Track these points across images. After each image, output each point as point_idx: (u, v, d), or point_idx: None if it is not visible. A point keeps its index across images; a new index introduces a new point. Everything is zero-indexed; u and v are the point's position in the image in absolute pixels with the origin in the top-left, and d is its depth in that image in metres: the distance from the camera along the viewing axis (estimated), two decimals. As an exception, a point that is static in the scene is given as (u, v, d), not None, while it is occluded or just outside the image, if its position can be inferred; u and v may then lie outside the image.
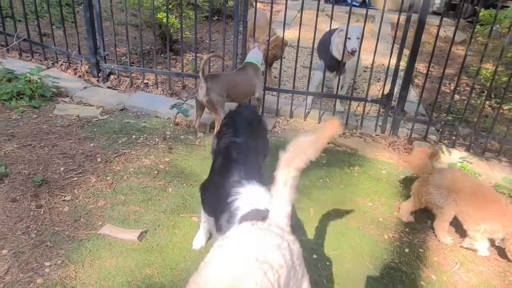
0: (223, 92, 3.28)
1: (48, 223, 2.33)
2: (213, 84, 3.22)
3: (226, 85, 3.33)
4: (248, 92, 3.55)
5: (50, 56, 4.58)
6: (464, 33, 7.28)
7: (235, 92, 3.43)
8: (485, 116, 4.19)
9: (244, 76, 3.49)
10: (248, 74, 3.50)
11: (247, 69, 3.52)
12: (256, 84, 3.53)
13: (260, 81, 3.57)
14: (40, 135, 3.18)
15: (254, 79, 3.51)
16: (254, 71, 3.53)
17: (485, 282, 2.29)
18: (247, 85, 3.50)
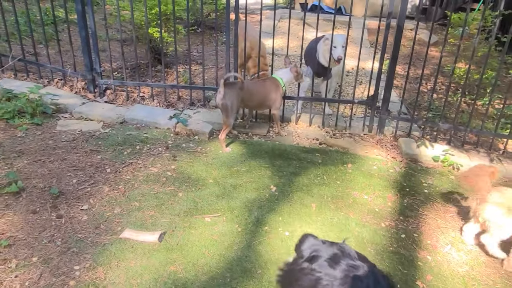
0: (238, 99, 3.55)
1: (70, 231, 2.46)
2: (230, 90, 3.50)
3: (242, 92, 3.59)
4: (263, 104, 3.80)
5: (45, 75, 4.67)
6: (436, 35, 7.73)
7: (250, 101, 3.71)
8: (462, 111, 4.53)
9: (261, 88, 3.75)
10: (266, 87, 3.75)
11: (267, 82, 3.80)
12: (272, 99, 3.75)
13: (278, 97, 3.77)
14: (47, 150, 3.30)
15: (271, 94, 3.74)
16: (274, 86, 3.76)
17: (474, 259, 2.56)
18: (262, 96, 3.73)
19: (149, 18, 4.80)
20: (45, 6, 6.63)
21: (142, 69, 5.23)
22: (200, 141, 3.70)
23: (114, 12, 5.50)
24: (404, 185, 3.26)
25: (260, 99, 3.74)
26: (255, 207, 2.84)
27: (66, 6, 4.27)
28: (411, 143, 3.81)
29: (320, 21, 4.09)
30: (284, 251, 2.47)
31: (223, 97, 3.49)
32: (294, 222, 2.73)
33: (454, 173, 3.50)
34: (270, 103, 3.79)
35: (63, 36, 5.94)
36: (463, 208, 2.99)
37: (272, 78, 3.84)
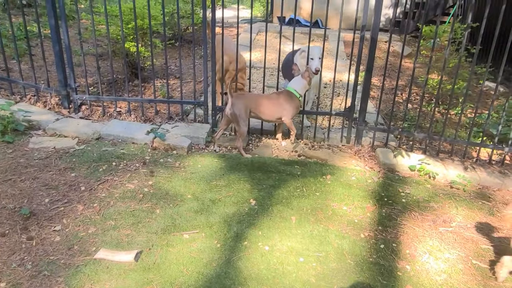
0: (246, 109, 3.69)
1: (42, 254, 2.36)
2: (238, 100, 3.66)
3: (250, 103, 3.72)
4: (274, 114, 3.81)
5: (17, 91, 4.55)
6: (409, 47, 7.97)
7: (260, 111, 3.77)
8: (436, 121, 4.65)
9: (272, 100, 3.81)
10: (279, 99, 3.80)
11: (280, 94, 3.85)
12: (285, 109, 3.77)
13: (291, 107, 3.78)
14: (18, 169, 3.18)
15: (284, 104, 3.77)
16: (288, 97, 3.80)
17: (452, 267, 2.59)
18: (272, 107, 3.78)
19: (125, 32, 4.76)
20: (18, 21, 6.52)
21: (118, 83, 5.17)
22: (179, 156, 3.66)
23: (89, 27, 5.44)
24: (382, 195, 3.30)
25: (271, 110, 3.78)
26: (234, 222, 2.81)
27: (39, 20, 4.18)
28: (388, 153, 3.86)
29: (297, 34, 4.16)
30: (264, 266, 2.44)
31: (231, 107, 3.65)
32: (274, 236, 2.70)
33: (430, 182, 3.57)
34: (283, 113, 3.80)
35: (36, 51, 5.83)
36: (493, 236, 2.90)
37: (286, 91, 3.87)
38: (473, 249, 2.75)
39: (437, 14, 8.36)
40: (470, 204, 3.27)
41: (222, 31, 4.03)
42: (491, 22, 3.95)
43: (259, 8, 11.19)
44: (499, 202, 3.35)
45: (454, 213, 3.13)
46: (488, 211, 3.20)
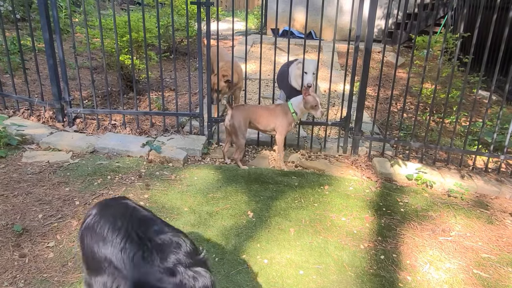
0: (246, 120, 3.68)
1: (34, 271, 2.29)
2: (237, 112, 3.66)
3: (250, 114, 3.72)
4: (270, 124, 3.77)
5: (10, 105, 4.51)
6: (403, 57, 8.06)
7: (258, 122, 3.75)
8: (431, 130, 4.67)
9: (268, 111, 3.78)
10: (275, 110, 3.76)
11: (278, 106, 3.82)
12: (278, 121, 3.71)
13: (283, 120, 3.70)
14: (11, 184, 3.13)
15: (277, 118, 3.72)
16: (283, 110, 3.74)
17: (453, 277, 2.56)
18: (269, 117, 3.75)
19: (120, 45, 4.76)
20: (11, 35, 6.50)
21: (113, 96, 5.14)
22: (175, 168, 3.62)
23: (84, 40, 5.44)
24: (381, 205, 3.28)
25: (266, 122, 3.76)
26: (232, 235, 2.77)
27: (33, 34, 4.17)
28: (385, 162, 3.86)
29: (291, 45, 4.18)
30: (263, 279, 2.39)
31: (230, 119, 3.66)
32: (273, 249, 2.66)
33: (428, 191, 3.55)
34: (274, 127, 3.76)
35: (30, 65, 5.81)
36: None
37: (284, 104, 3.85)
38: (473, 258, 2.73)
39: (429, 24, 8.48)
40: (468, 213, 3.26)
41: (217, 44, 4.04)
42: (483, 31, 4.01)
43: (253, 21, 11.29)
44: (497, 210, 3.34)
45: (453, 222, 3.11)
46: (486, 219, 3.19)
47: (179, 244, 1.59)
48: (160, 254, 1.53)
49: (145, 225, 1.66)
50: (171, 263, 1.50)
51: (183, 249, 1.58)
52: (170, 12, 5.12)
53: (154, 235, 1.60)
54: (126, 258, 1.54)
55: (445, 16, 8.75)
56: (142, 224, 1.66)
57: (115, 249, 1.57)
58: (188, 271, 1.50)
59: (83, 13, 4.15)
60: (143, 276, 1.50)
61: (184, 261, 1.53)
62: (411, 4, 8.79)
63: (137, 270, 1.51)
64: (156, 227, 1.66)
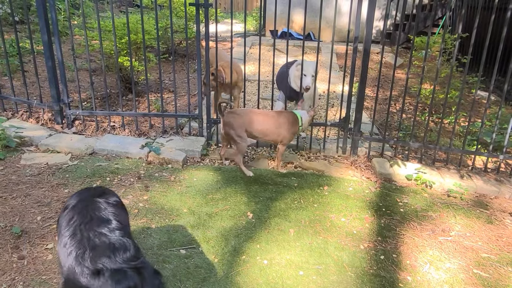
0: (241, 128, 3.50)
1: (33, 273, 2.28)
2: (230, 120, 3.50)
3: (245, 122, 3.51)
4: (268, 136, 3.58)
5: (9, 107, 4.50)
6: (401, 58, 8.07)
7: (256, 131, 3.55)
8: (430, 130, 4.67)
9: (270, 119, 3.58)
10: (278, 120, 3.58)
11: (281, 115, 3.64)
12: (282, 135, 3.58)
13: (289, 134, 3.59)
14: (10, 186, 3.12)
15: (282, 128, 3.56)
16: (288, 121, 3.58)
17: (453, 277, 2.55)
18: (267, 128, 3.55)
19: (119, 47, 4.76)
20: (10, 37, 6.50)
21: (112, 98, 5.14)
22: (174, 170, 3.61)
23: (82, 42, 5.44)
24: (380, 205, 3.27)
25: (266, 131, 3.56)
26: (231, 236, 2.76)
27: (32, 36, 4.17)
28: (384, 163, 3.86)
29: (290, 46, 4.18)
30: (263, 280, 2.38)
31: (223, 127, 3.54)
32: (273, 249, 2.66)
33: (427, 191, 3.55)
34: (277, 138, 3.61)
35: (29, 67, 5.80)
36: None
37: (291, 112, 3.69)
38: (473, 258, 2.72)
39: (427, 25, 8.50)
40: (468, 213, 3.26)
41: (216, 46, 4.04)
42: (481, 32, 4.01)
43: (252, 22, 11.30)
44: (496, 209, 3.34)
45: (453, 222, 3.11)
46: (486, 219, 3.19)
47: (117, 247, 1.59)
48: (93, 255, 1.54)
49: (95, 225, 1.67)
50: (100, 265, 1.51)
51: (120, 252, 1.58)
52: (168, 14, 5.12)
53: (97, 236, 1.62)
54: (64, 255, 1.58)
55: (443, 17, 8.77)
56: (93, 223, 1.68)
57: (60, 244, 1.63)
58: (114, 275, 1.51)
59: (82, 15, 4.15)
60: (71, 274, 1.52)
61: (114, 264, 1.53)
62: (409, 5, 8.81)
63: (68, 267, 1.54)
64: (106, 228, 1.67)
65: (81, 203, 1.82)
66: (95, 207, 1.79)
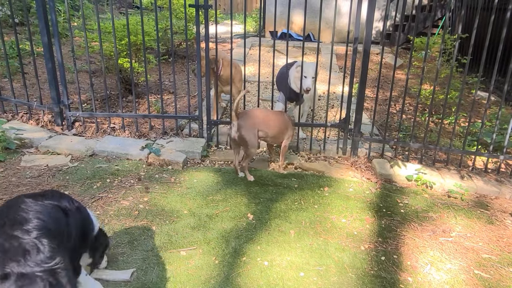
0: (254, 130, 3.39)
1: (34, 275, 2.28)
2: (245, 121, 3.36)
3: (258, 121, 3.42)
4: (278, 133, 3.56)
5: (8, 109, 4.50)
6: (401, 58, 8.07)
7: (267, 129, 3.47)
8: (430, 130, 4.67)
9: (279, 119, 3.57)
10: (284, 120, 3.62)
11: (284, 115, 3.68)
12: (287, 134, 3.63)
13: (292, 133, 3.69)
14: (10, 188, 3.11)
15: (288, 128, 3.61)
16: (290, 122, 3.68)
17: (454, 278, 2.55)
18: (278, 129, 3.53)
19: (118, 48, 4.76)
20: (10, 39, 6.50)
21: (112, 99, 5.14)
22: (174, 171, 3.61)
23: (82, 44, 5.44)
24: (381, 206, 3.27)
25: (277, 128, 3.53)
26: (232, 237, 2.76)
27: (32, 38, 4.17)
28: (384, 163, 3.86)
29: (290, 47, 4.18)
30: (264, 282, 2.38)
31: (237, 130, 3.37)
32: (273, 251, 2.65)
33: (427, 192, 3.55)
34: (284, 135, 3.63)
35: (29, 69, 5.81)
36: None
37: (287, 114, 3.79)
38: (474, 259, 2.72)
39: (427, 26, 8.51)
40: (469, 213, 3.26)
41: (216, 47, 4.04)
42: (481, 32, 4.02)
43: (251, 23, 11.32)
44: (497, 210, 3.34)
45: (453, 223, 3.11)
46: (487, 219, 3.19)
47: (28, 250, 1.54)
48: (1, 260, 1.49)
49: (11, 226, 1.60)
50: (8, 269, 1.47)
51: (31, 255, 1.52)
52: (168, 16, 5.13)
53: (7, 239, 1.55)
54: None
55: (443, 18, 8.78)
56: (10, 223, 1.61)
57: None
58: (20, 279, 1.47)
59: (82, 17, 4.15)
60: None
61: (23, 268, 1.48)
62: (409, 6, 8.82)
63: None
64: (19, 231, 1.59)
65: (4, 207, 1.75)
66: (16, 209, 1.69)
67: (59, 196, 1.94)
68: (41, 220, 1.66)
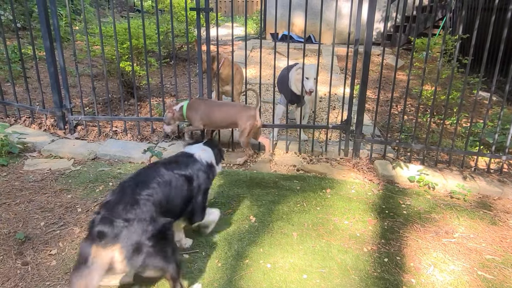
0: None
1: (37, 279, 2.29)
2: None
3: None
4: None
5: (11, 113, 4.52)
6: (402, 59, 8.07)
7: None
8: (432, 131, 4.66)
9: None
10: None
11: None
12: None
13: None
14: (13, 192, 3.13)
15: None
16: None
17: (458, 279, 2.54)
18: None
19: (120, 52, 4.78)
20: (12, 43, 6.54)
21: (114, 103, 5.16)
22: (176, 174, 3.61)
23: (84, 48, 5.46)
24: (383, 208, 3.27)
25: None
26: (234, 240, 2.76)
27: (34, 43, 4.19)
28: (386, 164, 3.85)
29: (290, 49, 4.19)
30: (267, 284, 2.38)
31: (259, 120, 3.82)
32: (276, 253, 2.65)
33: (430, 193, 3.55)
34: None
35: (31, 73, 5.83)
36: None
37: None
38: (477, 260, 2.71)
39: (428, 26, 8.51)
40: (472, 214, 3.25)
41: (217, 49, 4.05)
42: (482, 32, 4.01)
43: (252, 25, 11.34)
44: (500, 211, 3.33)
45: (456, 224, 3.10)
46: (490, 220, 3.18)
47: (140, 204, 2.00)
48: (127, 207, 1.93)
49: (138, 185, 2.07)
50: (131, 215, 1.91)
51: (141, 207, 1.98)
52: (169, 19, 5.15)
53: (134, 194, 2.01)
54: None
55: (443, 18, 8.78)
56: (139, 183, 2.09)
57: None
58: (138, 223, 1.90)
59: (83, 21, 4.17)
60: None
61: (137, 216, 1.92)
62: (409, 6, 8.82)
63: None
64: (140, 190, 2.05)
65: (142, 170, 2.35)
66: (146, 173, 2.26)
67: (185, 165, 2.38)
68: (158, 183, 2.11)
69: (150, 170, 2.24)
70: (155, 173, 2.18)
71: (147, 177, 2.13)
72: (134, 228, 1.83)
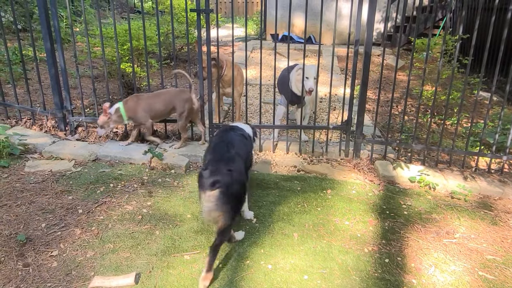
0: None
1: (38, 281, 2.29)
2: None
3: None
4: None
5: (12, 115, 4.53)
6: (402, 60, 8.07)
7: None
8: (433, 132, 4.66)
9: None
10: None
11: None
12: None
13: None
14: (14, 194, 3.13)
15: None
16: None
17: (459, 279, 2.54)
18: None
19: (121, 53, 4.79)
20: (13, 45, 6.55)
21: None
22: (177, 175, 3.62)
23: (85, 49, 5.47)
24: (384, 208, 3.27)
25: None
26: (235, 240, 2.76)
27: (34, 44, 4.20)
28: (387, 165, 3.85)
29: (291, 50, 4.19)
30: (268, 285, 2.38)
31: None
32: (277, 254, 2.65)
33: (431, 193, 3.54)
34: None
35: (32, 75, 5.84)
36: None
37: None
38: (478, 260, 2.71)
39: (428, 27, 8.51)
40: (472, 214, 3.25)
41: (217, 50, 4.06)
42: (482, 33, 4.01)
43: (252, 26, 11.35)
44: (501, 211, 3.33)
45: (457, 224, 3.10)
46: (490, 220, 3.18)
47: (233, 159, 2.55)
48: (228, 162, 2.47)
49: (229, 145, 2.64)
50: (231, 167, 2.43)
51: (234, 162, 2.52)
52: (170, 20, 5.15)
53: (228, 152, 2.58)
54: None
55: (443, 19, 8.78)
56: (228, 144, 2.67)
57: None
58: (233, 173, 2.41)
59: (84, 23, 4.17)
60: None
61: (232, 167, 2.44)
62: (409, 7, 8.82)
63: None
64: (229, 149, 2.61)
65: (222, 134, 2.93)
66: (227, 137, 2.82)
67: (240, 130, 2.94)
68: (238, 141, 2.72)
69: (228, 133, 2.82)
70: (233, 135, 2.77)
71: (231, 138, 2.70)
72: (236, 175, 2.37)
